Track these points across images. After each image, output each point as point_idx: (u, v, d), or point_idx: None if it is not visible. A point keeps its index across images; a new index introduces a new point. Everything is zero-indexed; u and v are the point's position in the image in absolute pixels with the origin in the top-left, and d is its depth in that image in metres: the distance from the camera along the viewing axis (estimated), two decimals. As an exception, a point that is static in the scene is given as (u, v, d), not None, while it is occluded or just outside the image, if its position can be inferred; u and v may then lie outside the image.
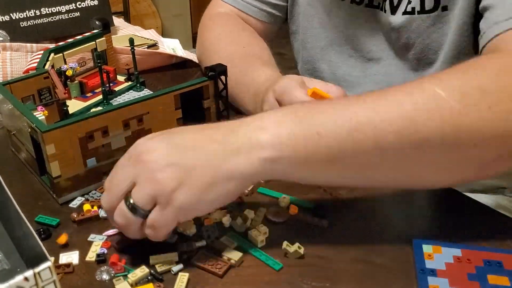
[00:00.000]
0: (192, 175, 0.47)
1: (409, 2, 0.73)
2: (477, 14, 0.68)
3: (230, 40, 0.85)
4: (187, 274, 0.50)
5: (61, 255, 0.53)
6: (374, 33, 0.80)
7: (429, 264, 0.50)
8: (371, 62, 0.82)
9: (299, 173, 0.50)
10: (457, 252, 0.52)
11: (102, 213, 0.58)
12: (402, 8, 0.74)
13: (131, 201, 0.48)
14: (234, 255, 0.51)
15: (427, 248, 0.52)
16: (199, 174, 0.47)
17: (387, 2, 0.75)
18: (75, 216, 0.58)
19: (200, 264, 0.51)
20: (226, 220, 0.56)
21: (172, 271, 0.50)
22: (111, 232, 0.55)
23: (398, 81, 0.78)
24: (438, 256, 0.51)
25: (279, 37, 0.98)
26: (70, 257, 0.53)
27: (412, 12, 0.73)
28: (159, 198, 0.47)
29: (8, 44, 0.85)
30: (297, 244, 0.52)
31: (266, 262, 0.52)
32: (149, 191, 0.47)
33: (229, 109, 0.70)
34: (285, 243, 0.53)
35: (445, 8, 0.72)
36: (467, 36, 0.72)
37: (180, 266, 0.51)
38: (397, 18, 0.75)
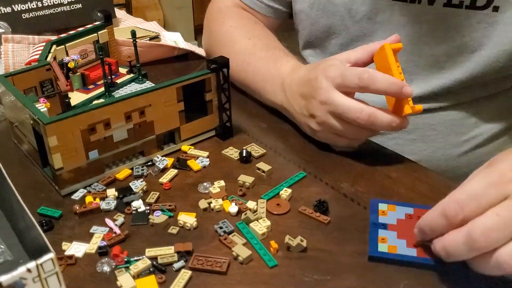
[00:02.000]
0: None
1: None
2: None
3: (245, 32, 0.85)
4: (189, 272, 0.49)
5: (69, 244, 0.53)
6: (399, 27, 0.77)
7: (382, 220, 0.55)
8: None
9: None
10: (410, 210, 0.56)
11: (103, 205, 0.58)
12: (442, 0, 0.71)
13: None
14: (243, 253, 0.51)
15: (382, 207, 0.56)
16: None
17: None
18: (77, 208, 0.58)
19: (199, 267, 0.50)
20: (233, 208, 0.57)
21: (174, 267, 0.50)
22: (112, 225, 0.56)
23: (420, 76, 0.77)
24: (392, 213, 0.55)
25: (280, 30, 0.97)
26: (78, 248, 0.53)
27: (460, 5, 0.70)
28: None
29: (10, 36, 0.85)
30: (299, 237, 0.52)
31: (262, 257, 0.52)
32: None
33: (231, 102, 0.70)
34: (287, 237, 0.53)
35: (496, 9, 0.68)
36: None
37: (182, 263, 0.50)
38: (436, 9, 0.72)
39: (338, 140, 0.66)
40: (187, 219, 0.56)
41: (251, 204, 0.58)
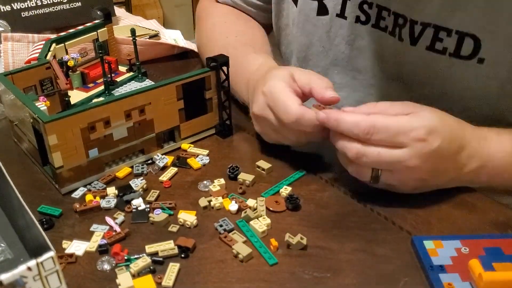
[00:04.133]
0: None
1: (439, 40, 0.64)
2: None
3: (223, 30, 0.84)
4: (177, 265, 0.50)
5: (69, 242, 0.53)
6: (380, 57, 0.72)
7: (435, 261, 0.50)
8: (374, 88, 0.75)
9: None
10: (457, 244, 0.52)
11: (103, 204, 0.58)
12: (425, 42, 0.66)
13: (379, 175, 0.56)
14: (244, 250, 0.51)
15: (428, 244, 0.52)
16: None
17: (406, 31, 0.67)
18: (77, 206, 0.58)
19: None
20: (233, 206, 0.57)
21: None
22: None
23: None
24: (441, 251, 0.51)
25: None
26: (79, 247, 0.53)
27: (443, 52, 0.65)
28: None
29: (9, 34, 0.85)
30: (299, 235, 0.52)
31: (262, 254, 0.52)
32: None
33: (231, 99, 0.70)
34: (287, 235, 0.53)
35: (481, 61, 0.63)
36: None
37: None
38: (419, 51, 0.67)
39: (275, 137, 0.64)
40: (187, 217, 0.56)
41: (251, 202, 0.58)
